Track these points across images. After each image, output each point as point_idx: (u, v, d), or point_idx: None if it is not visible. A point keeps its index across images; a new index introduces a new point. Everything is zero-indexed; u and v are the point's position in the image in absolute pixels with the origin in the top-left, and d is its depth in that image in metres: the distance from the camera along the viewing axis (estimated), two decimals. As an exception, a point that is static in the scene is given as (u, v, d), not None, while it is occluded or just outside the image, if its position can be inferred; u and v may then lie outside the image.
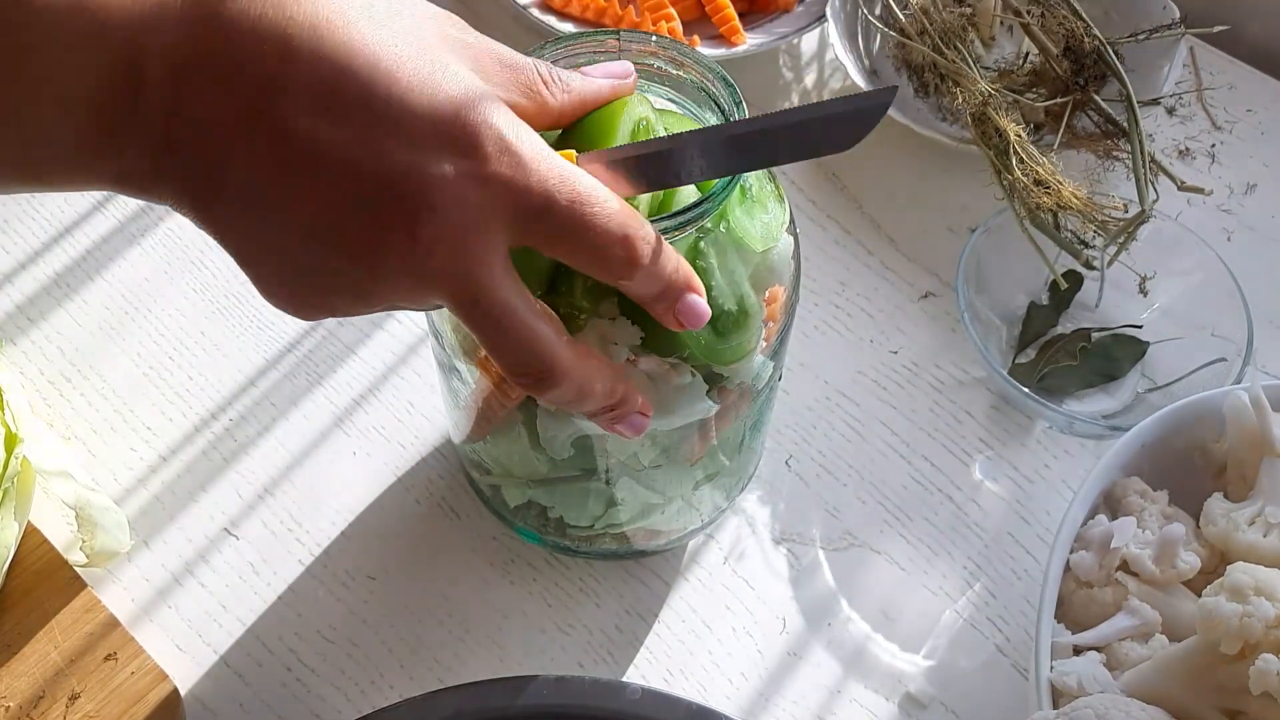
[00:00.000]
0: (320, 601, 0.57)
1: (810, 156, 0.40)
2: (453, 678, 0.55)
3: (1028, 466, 0.62)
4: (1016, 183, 0.62)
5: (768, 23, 0.76)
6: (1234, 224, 0.72)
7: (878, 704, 0.55)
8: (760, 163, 0.40)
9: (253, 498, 0.60)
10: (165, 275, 0.67)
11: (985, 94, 0.64)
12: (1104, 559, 0.51)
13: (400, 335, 0.66)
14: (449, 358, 0.48)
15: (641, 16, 0.75)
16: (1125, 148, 0.66)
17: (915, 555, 0.59)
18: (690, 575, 0.59)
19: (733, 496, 0.58)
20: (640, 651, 0.56)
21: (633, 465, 0.49)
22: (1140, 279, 0.63)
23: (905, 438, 0.63)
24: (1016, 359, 0.65)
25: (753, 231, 0.44)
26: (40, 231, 0.69)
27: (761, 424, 0.54)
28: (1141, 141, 0.64)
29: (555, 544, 0.56)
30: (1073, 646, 0.50)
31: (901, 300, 0.68)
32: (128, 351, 0.65)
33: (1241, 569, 0.46)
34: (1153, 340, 0.64)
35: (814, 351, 0.66)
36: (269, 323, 0.66)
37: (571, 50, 0.44)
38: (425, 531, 0.59)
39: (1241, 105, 0.77)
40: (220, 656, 0.56)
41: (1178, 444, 0.55)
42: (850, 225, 0.71)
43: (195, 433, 0.62)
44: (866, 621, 0.57)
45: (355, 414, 0.63)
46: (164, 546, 0.59)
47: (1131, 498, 0.53)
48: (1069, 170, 0.64)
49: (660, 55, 0.45)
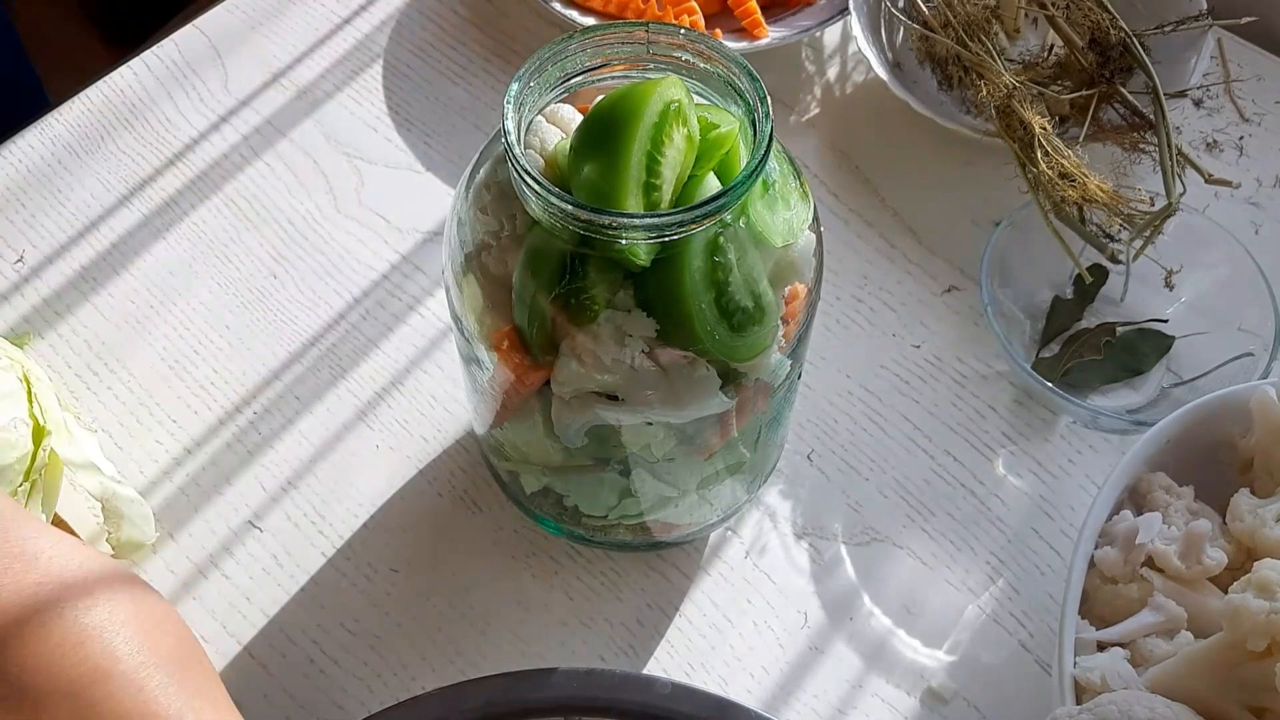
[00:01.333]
0: (343, 593, 0.58)
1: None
2: (474, 670, 0.55)
3: (1051, 461, 0.62)
4: (1041, 176, 0.61)
5: (790, 16, 0.75)
6: (1262, 217, 0.71)
7: (900, 699, 0.55)
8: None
9: (276, 490, 0.61)
10: (190, 269, 0.68)
11: (1010, 87, 0.64)
12: (1129, 555, 0.51)
13: (423, 329, 0.66)
14: (469, 345, 0.48)
15: (664, 10, 0.75)
16: (1152, 140, 0.65)
17: (938, 550, 0.59)
18: (712, 569, 0.59)
19: (751, 491, 0.58)
20: (661, 645, 0.57)
21: (647, 456, 0.49)
22: (1166, 273, 0.62)
23: (928, 432, 0.63)
24: (1040, 353, 0.64)
25: (773, 226, 0.44)
26: (66, 226, 0.69)
27: (780, 420, 0.54)
28: (1169, 134, 0.64)
29: (572, 533, 0.56)
30: (1097, 643, 0.50)
31: (924, 294, 0.68)
32: (153, 345, 0.65)
33: (1269, 565, 0.46)
34: (1178, 334, 0.63)
35: (836, 345, 0.66)
36: (293, 317, 0.66)
37: (600, 42, 0.44)
38: (447, 524, 0.60)
39: (1270, 97, 0.76)
40: (244, 647, 0.56)
41: (1203, 439, 0.55)
42: (873, 219, 0.70)
43: (219, 426, 0.63)
44: (888, 616, 0.57)
45: (378, 407, 0.63)
46: (188, 538, 0.59)
47: (1157, 493, 0.53)
48: (1095, 163, 0.63)
49: (688, 48, 0.45)
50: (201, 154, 0.72)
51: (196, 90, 0.75)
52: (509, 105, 0.43)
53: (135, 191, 0.71)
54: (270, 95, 0.75)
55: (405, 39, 0.78)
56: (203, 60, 0.77)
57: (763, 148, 0.41)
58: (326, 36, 0.78)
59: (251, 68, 0.76)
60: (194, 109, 0.74)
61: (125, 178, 0.71)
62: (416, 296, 0.67)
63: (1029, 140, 0.62)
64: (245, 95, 0.75)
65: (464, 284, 0.47)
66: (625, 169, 0.41)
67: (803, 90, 0.77)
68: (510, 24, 0.79)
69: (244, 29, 0.78)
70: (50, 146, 0.72)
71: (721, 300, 0.43)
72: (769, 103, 0.43)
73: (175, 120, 0.74)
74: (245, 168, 0.72)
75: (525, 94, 0.43)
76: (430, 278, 0.68)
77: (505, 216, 0.45)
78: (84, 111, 0.74)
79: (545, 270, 0.43)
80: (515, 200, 0.44)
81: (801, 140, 0.74)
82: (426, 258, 0.69)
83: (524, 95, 0.43)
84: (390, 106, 0.75)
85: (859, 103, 0.76)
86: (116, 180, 0.71)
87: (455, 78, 0.76)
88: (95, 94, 0.75)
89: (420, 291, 0.67)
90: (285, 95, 0.75)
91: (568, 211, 0.40)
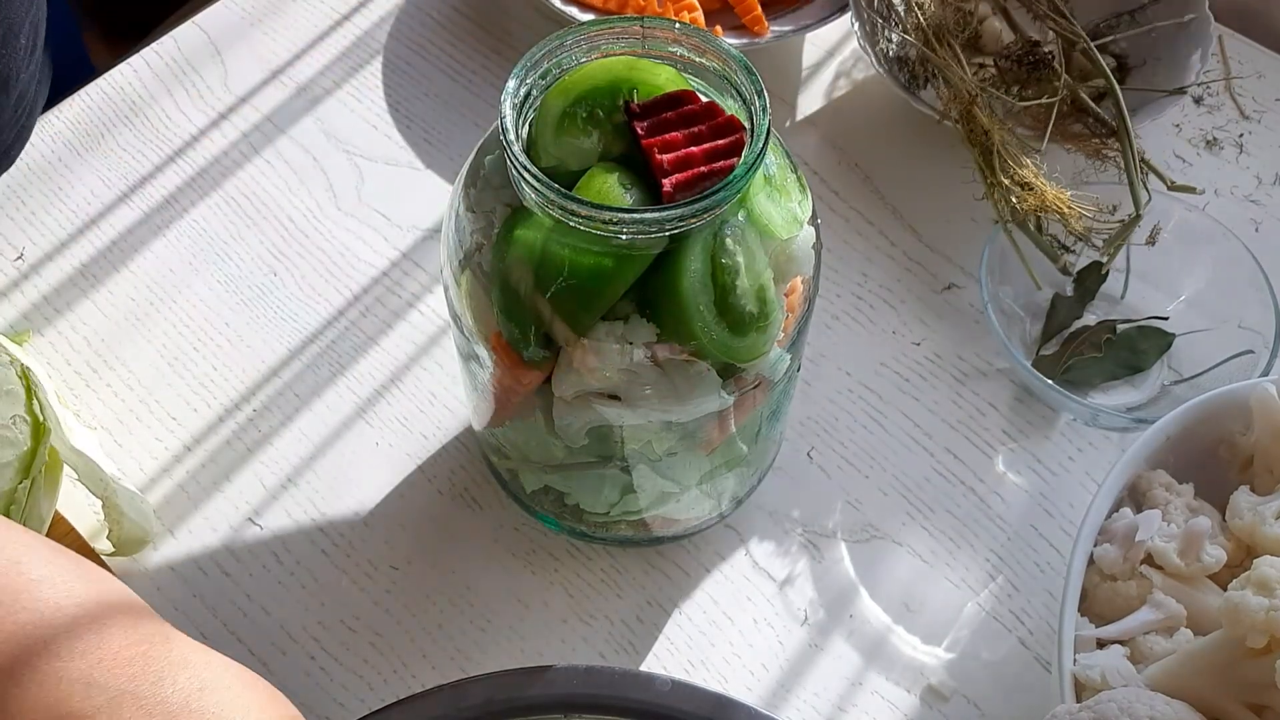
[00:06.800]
0: (343, 591, 0.58)
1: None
2: (475, 667, 0.55)
3: (1051, 459, 0.62)
4: (999, 184, 0.61)
5: (790, 13, 0.75)
6: (1262, 215, 0.71)
7: (899, 696, 0.55)
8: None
9: (276, 487, 0.61)
10: (190, 266, 0.68)
11: (972, 92, 0.64)
12: (1128, 552, 0.51)
13: (422, 326, 0.66)
14: (468, 343, 0.48)
15: (663, 7, 0.75)
16: (1116, 147, 0.65)
17: (937, 547, 0.59)
18: (712, 566, 0.59)
19: (751, 485, 0.58)
20: (661, 642, 0.57)
21: (648, 453, 0.49)
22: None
23: (927, 429, 0.63)
24: (1040, 351, 0.64)
25: (776, 219, 0.44)
26: (66, 223, 0.69)
27: (779, 414, 0.54)
28: (1132, 142, 0.63)
29: (573, 530, 0.56)
30: (1096, 640, 0.50)
31: (924, 291, 0.68)
32: (153, 342, 0.65)
33: (1269, 563, 0.46)
34: (1179, 332, 0.63)
35: (836, 343, 0.66)
36: (293, 314, 0.66)
37: (596, 36, 0.44)
38: (447, 521, 0.60)
39: (1270, 94, 0.76)
40: (244, 644, 0.56)
41: (1204, 437, 0.55)
42: (872, 216, 0.70)
43: (219, 422, 0.63)
44: (888, 614, 0.57)
45: (377, 404, 0.63)
46: (188, 535, 0.59)
47: (1156, 491, 0.53)
48: (1064, 171, 0.63)
49: (683, 43, 0.45)
50: (201, 151, 0.72)
51: (196, 87, 0.75)
52: (506, 101, 0.43)
53: (135, 188, 0.71)
54: (270, 92, 0.75)
55: (405, 36, 0.78)
56: (202, 57, 0.77)
57: (760, 141, 0.41)
58: (326, 33, 0.78)
59: (251, 65, 0.76)
60: (194, 106, 0.74)
61: (125, 175, 0.71)
62: (416, 294, 0.67)
63: (990, 147, 0.62)
64: (245, 92, 0.75)
65: (462, 281, 0.47)
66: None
67: (803, 88, 0.77)
68: (510, 21, 0.79)
69: (243, 26, 0.78)
70: (50, 143, 0.72)
71: (727, 299, 0.43)
72: (766, 96, 0.43)
73: (175, 117, 0.74)
74: (245, 165, 0.72)
75: (522, 90, 0.43)
76: (430, 275, 0.68)
77: (485, 212, 0.45)
78: (84, 108, 0.74)
79: (534, 270, 0.43)
80: (500, 193, 0.44)
81: (801, 138, 0.74)
82: (426, 255, 0.69)
83: (521, 91, 0.43)
84: (390, 103, 0.75)
85: (859, 100, 0.76)
86: (116, 177, 0.71)
87: (455, 74, 0.76)
88: (95, 91, 0.75)
89: (419, 288, 0.67)
90: (285, 92, 0.75)
91: (567, 207, 0.40)
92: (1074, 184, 0.62)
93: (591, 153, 0.44)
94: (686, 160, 0.42)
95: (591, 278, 0.42)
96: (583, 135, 0.43)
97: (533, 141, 0.44)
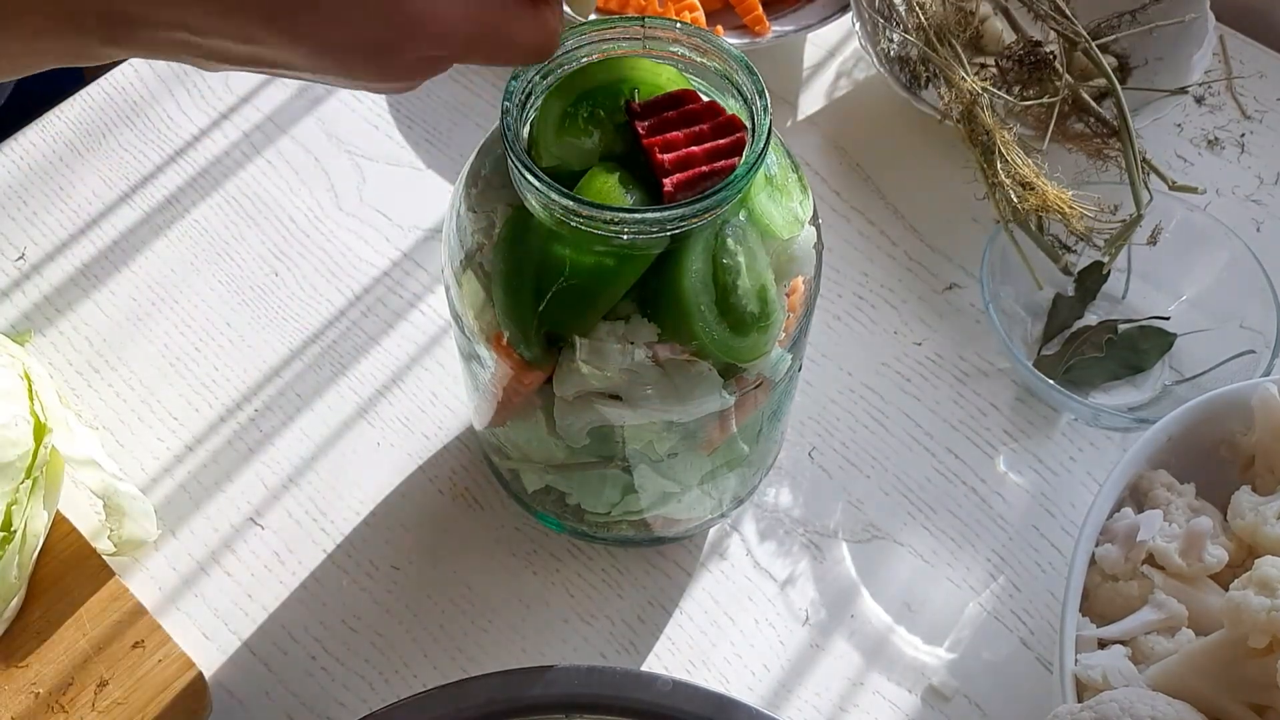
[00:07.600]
0: (344, 591, 0.58)
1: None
2: (476, 667, 0.55)
3: (1053, 459, 0.62)
4: (1001, 183, 0.61)
5: (791, 12, 0.75)
6: (1264, 215, 0.71)
7: (900, 696, 0.55)
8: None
9: (277, 487, 0.61)
10: (191, 266, 0.68)
11: (973, 92, 0.64)
12: (1130, 552, 0.51)
13: (423, 326, 0.66)
14: (470, 343, 0.48)
15: (665, 6, 0.75)
16: (1117, 147, 0.65)
17: (938, 547, 0.59)
18: (713, 566, 0.59)
19: (752, 485, 0.58)
20: (662, 642, 0.57)
21: (649, 453, 0.49)
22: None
23: (929, 429, 0.63)
24: (1042, 351, 0.64)
25: (778, 218, 0.44)
26: (67, 223, 0.69)
27: (780, 414, 0.54)
28: (1133, 142, 0.63)
29: (574, 530, 0.56)
30: (1098, 640, 0.50)
31: (925, 291, 0.68)
32: (154, 342, 0.65)
33: (1270, 563, 0.46)
34: (1180, 332, 0.63)
35: (837, 343, 0.66)
36: (294, 314, 0.66)
37: (597, 37, 0.44)
38: (448, 521, 0.60)
39: (1272, 94, 0.76)
40: (246, 644, 0.56)
41: (1205, 437, 0.55)
42: (874, 216, 0.70)
43: (220, 423, 0.63)
44: (889, 614, 0.57)
45: (378, 404, 0.63)
46: (190, 535, 0.59)
47: (1158, 490, 0.53)
48: (1065, 171, 0.63)
49: (684, 42, 0.45)
50: (202, 151, 0.72)
51: (197, 87, 0.75)
52: (508, 101, 0.43)
53: (136, 188, 0.71)
54: (271, 92, 0.75)
55: (406, 36, 0.78)
56: (204, 57, 0.76)
57: (762, 140, 0.41)
58: (327, 34, 0.78)
59: (252, 65, 0.76)
60: (195, 106, 0.74)
61: (126, 175, 0.71)
62: (417, 294, 0.67)
63: (991, 147, 0.62)
64: (246, 92, 0.75)
65: (464, 281, 0.47)
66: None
67: (804, 88, 0.77)
68: (511, 21, 0.79)
69: (245, 26, 0.78)
70: (51, 143, 0.72)
71: (729, 299, 0.43)
72: (767, 96, 0.43)
73: (176, 117, 0.74)
74: (246, 165, 0.72)
75: (524, 90, 0.43)
76: (431, 275, 0.68)
77: (486, 212, 0.45)
78: (85, 108, 0.74)
79: (535, 270, 0.43)
80: (500, 193, 0.44)
81: (803, 137, 0.74)
82: (427, 255, 0.69)
83: (523, 91, 0.43)
84: (391, 104, 0.75)
85: (860, 100, 0.76)
86: (117, 177, 0.71)
87: (457, 75, 0.76)
88: (96, 91, 0.75)
89: (421, 289, 0.67)
90: (286, 92, 0.75)
91: (568, 207, 0.40)
92: (1075, 184, 0.62)
93: (593, 152, 0.44)
94: (688, 160, 0.42)
95: (593, 278, 0.42)
96: (584, 135, 0.43)
97: (534, 141, 0.44)
